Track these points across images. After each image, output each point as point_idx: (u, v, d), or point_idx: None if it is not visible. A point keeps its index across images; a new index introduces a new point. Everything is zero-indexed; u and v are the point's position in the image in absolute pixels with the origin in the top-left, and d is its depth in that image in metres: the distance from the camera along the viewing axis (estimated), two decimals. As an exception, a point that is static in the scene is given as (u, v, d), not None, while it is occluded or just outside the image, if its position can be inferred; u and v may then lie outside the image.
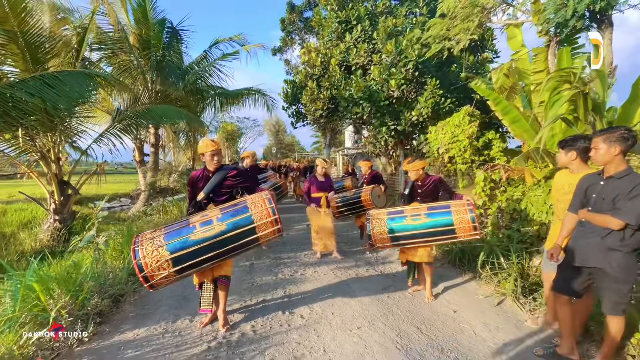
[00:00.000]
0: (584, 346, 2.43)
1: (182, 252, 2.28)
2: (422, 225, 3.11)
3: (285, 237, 6.14)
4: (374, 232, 3.18)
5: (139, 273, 2.23)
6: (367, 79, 6.77)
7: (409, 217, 3.16)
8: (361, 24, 7.02)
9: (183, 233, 2.35)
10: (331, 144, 19.74)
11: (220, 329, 2.70)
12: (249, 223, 2.41)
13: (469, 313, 3.06)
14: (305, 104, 8.37)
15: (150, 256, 2.24)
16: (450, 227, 3.07)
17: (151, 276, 2.25)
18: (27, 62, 5.73)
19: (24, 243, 5.94)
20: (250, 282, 3.85)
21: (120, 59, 8.20)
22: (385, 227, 3.17)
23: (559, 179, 2.55)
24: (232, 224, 2.38)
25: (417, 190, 3.54)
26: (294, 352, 2.42)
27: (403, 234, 3.16)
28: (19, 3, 5.25)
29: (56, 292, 2.60)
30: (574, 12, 3.83)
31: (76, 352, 2.40)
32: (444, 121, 6.12)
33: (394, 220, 3.19)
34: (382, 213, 3.29)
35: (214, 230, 2.35)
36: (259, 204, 2.47)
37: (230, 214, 2.44)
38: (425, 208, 3.20)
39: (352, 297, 3.42)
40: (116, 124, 6.88)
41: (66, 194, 6.71)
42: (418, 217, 3.14)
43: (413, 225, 3.12)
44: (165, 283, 2.37)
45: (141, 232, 2.46)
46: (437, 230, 3.10)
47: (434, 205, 3.25)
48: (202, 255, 2.33)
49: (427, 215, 3.13)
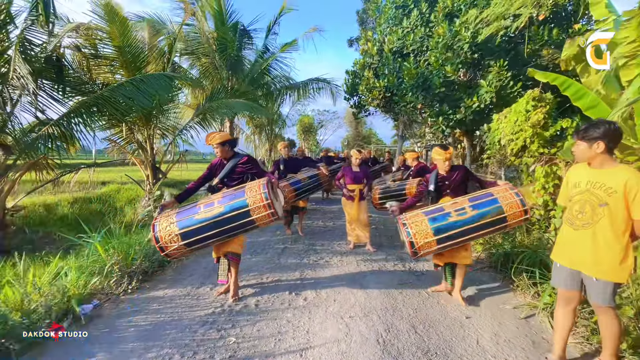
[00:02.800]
0: None
1: (187, 228, 2.62)
2: (471, 219, 2.75)
3: (328, 227, 6.33)
4: (417, 239, 2.72)
5: (156, 243, 2.65)
6: (420, 65, 6.34)
7: (454, 213, 2.78)
8: (418, 7, 6.56)
9: (190, 212, 2.70)
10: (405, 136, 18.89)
11: (229, 299, 3.05)
12: (244, 206, 2.63)
13: (483, 322, 2.76)
14: (363, 94, 8.27)
15: (164, 230, 2.63)
16: (501, 215, 2.76)
17: (165, 247, 2.65)
18: (130, 70, 7.11)
19: (127, 215, 7.46)
20: (275, 263, 4.16)
21: (202, 62, 9.42)
22: (428, 229, 2.73)
23: (575, 175, 2.10)
24: (229, 206, 2.65)
25: (444, 184, 3.24)
26: (280, 328, 2.60)
27: (452, 233, 2.75)
28: (123, 23, 6.54)
29: (111, 251, 3.32)
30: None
31: (120, 299, 3.05)
32: (508, 108, 5.37)
33: (436, 220, 2.77)
34: (417, 215, 2.87)
35: (214, 211, 2.65)
36: (254, 189, 2.68)
37: (228, 197, 2.72)
38: (466, 200, 2.87)
39: (363, 288, 3.40)
40: (195, 118, 8.01)
41: (157, 177, 8.15)
42: (464, 212, 2.78)
43: (462, 220, 2.75)
44: (179, 254, 2.77)
45: (164, 212, 2.86)
46: (487, 222, 2.77)
47: (475, 196, 2.92)
48: (205, 232, 2.65)
49: (472, 208, 2.79)
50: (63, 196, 7.80)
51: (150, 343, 2.35)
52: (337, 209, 8.17)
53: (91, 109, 5.51)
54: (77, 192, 8.81)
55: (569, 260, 2.05)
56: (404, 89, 6.44)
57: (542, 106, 4.75)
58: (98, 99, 5.46)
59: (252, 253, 4.51)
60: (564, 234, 2.13)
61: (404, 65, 6.40)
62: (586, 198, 1.96)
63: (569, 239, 2.06)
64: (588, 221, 1.94)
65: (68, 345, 2.31)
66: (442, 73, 6.03)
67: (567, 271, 2.06)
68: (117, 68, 7.21)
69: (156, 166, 8.13)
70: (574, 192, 2.05)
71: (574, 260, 2.03)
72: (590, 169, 2.01)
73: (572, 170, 2.17)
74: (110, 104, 5.57)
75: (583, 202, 1.97)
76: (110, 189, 9.26)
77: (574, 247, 2.02)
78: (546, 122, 4.76)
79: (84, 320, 2.60)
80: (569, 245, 2.06)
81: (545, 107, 4.74)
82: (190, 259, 4.22)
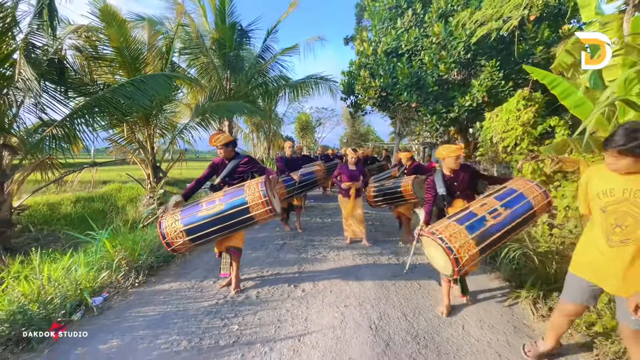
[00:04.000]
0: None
1: (191, 225, 2.77)
2: (507, 221, 2.49)
3: (326, 223, 6.50)
4: (461, 254, 2.26)
5: (162, 239, 2.80)
6: (413, 65, 6.50)
7: (489, 217, 2.48)
8: (412, 8, 6.71)
9: (193, 210, 2.85)
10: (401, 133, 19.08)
11: (232, 291, 3.23)
12: (243, 204, 2.78)
13: (469, 309, 2.95)
14: (359, 93, 8.43)
15: (170, 227, 2.78)
16: (532, 210, 2.61)
17: (172, 242, 2.78)
18: (129, 71, 7.23)
19: (129, 214, 7.62)
20: (274, 257, 4.34)
21: (201, 61, 9.55)
22: (469, 239, 2.32)
23: (601, 181, 1.82)
24: (229, 204, 2.80)
25: (453, 185, 3.00)
26: (280, 317, 2.78)
27: (493, 239, 2.42)
28: (122, 24, 6.65)
29: (118, 247, 3.49)
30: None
31: (129, 292, 3.22)
32: (500, 107, 5.55)
33: (474, 227, 2.40)
34: (450, 226, 2.42)
35: (215, 208, 2.79)
36: (252, 187, 2.82)
37: (229, 195, 2.86)
38: (494, 200, 2.61)
39: (358, 279, 3.59)
40: (195, 118, 8.16)
41: (158, 176, 8.30)
42: (498, 214, 2.51)
43: (499, 223, 2.45)
44: (184, 249, 2.91)
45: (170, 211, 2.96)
46: (521, 221, 2.56)
47: (500, 194, 2.69)
48: (208, 229, 2.78)
49: (504, 207, 2.55)
50: (65, 195, 7.94)
51: (159, 331, 2.53)
52: (335, 205, 8.35)
53: (93, 110, 5.65)
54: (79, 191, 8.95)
55: (594, 276, 1.84)
56: (399, 88, 6.60)
57: (532, 105, 4.94)
58: (100, 99, 5.60)
59: (252, 248, 4.69)
60: (590, 247, 1.87)
61: (398, 65, 6.56)
62: (625, 209, 1.69)
63: (598, 254, 1.80)
64: (629, 236, 1.68)
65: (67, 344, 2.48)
66: (435, 72, 6.20)
67: (587, 287, 1.87)
68: (116, 69, 7.32)
69: (157, 165, 8.27)
70: (606, 202, 1.77)
71: (601, 277, 1.81)
72: (622, 175, 1.73)
73: (594, 174, 1.89)
74: (111, 105, 5.71)
75: (622, 214, 1.71)
76: (111, 188, 9.40)
77: (606, 263, 1.77)
78: (535, 121, 4.94)
79: (96, 311, 2.77)
80: (597, 260, 1.82)
81: (535, 106, 4.93)
82: (193, 255, 4.39)
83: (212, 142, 3.25)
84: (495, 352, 2.33)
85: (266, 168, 3.49)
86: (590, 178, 1.90)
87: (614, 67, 3.86)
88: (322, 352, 2.28)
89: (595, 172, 1.89)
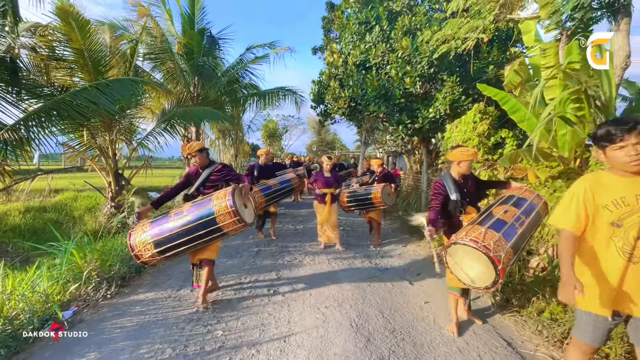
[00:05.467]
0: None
1: (159, 237, 2.70)
2: (528, 228, 2.47)
3: (299, 229, 6.60)
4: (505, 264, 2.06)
5: (132, 252, 2.75)
6: (382, 78, 6.90)
7: (517, 224, 2.39)
8: (379, 25, 7.15)
9: (162, 221, 2.76)
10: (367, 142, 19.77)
11: (200, 306, 3.03)
12: (209, 214, 2.70)
13: (439, 305, 3.21)
14: (329, 103, 8.70)
15: (138, 239, 2.73)
16: (540, 218, 2.65)
17: (140, 254, 2.73)
18: (91, 74, 6.87)
19: (87, 224, 7.15)
20: (251, 264, 4.35)
21: (167, 66, 9.30)
22: (508, 247, 2.15)
23: (606, 191, 1.60)
24: (196, 214, 2.72)
25: (464, 192, 2.77)
26: (263, 320, 2.84)
27: (521, 247, 2.38)
28: (85, 26, 6.34)
29: (88, 258, 3.33)
30: (576, 6, 3.66)
31: (100, 304, 3.08)
32: (459, 119, 6.06)
33: (511, 236, 2.26)
34: (490, 233, 2.19)
35: (183, 219, 2.72)
36: (220, 198, 2.74)
37: (196, 206, 2.80)
38: (514, 208, 2.51)
39: (335, 282, 3.73)
40: (161, 124, 7.90)
41: (120, 184, 7.88)
42: (522, 221, 2.44)
43: (522, 231, 2.39)
44: (154, 262, 2.83)
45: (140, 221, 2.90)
46: (535, 225, 2.59)
47: (515, 201, 2.61)
48: (176, 240, 2.70)
49: (525, 215, 2.49)
50: (14, 205, 7.26)
51: (140, 341, 2.47)
52: (307, 212, 8.50)
53: (51, 113, 5.32)
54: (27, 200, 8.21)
55: (612, 302, 1.59)
56: (367, 99, 6.95)
57: (486, 118, 5.47)
58: (59, 102, 5.30)
59: (227, 256, 4.66)
60: (600, 273, 1.62)
61: (367, 77, 6.92)
62: None
63: (617, 276, 1.57)
64: None
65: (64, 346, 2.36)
66: (401, 85, 6.62)
67: (605, 325, 1.63)
68: (76, 70, 6.95)
69: (119, 172, 7.87)
70: (621, 214, 1.54)
71: (622, 301, 1.57)
72: (630, 177, 1.57)
73: (595, 184, 1.63)
74: (72, 109, 5.41)
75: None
76: (66, 197, 8.75)
77: (627, 283, 1.55)
78: (489, 132, 5.48)
79: (67, 325, 2.63)
80: (616, 284, 1.58)
81: (489, 119, 5.47)
82: (166, 264, 4.27)
83: (186, 151, 3.18)
84: (464, 340, 2.59)
85: (241, 176, 3.36)
86: (590, 189, 1.62)
87: (554, 87, 4.43)
88: (308, 351, 2.39)
89: (595, 181, 1.64)
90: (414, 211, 7.41)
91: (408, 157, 11.46)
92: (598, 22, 4.01)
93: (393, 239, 5.95)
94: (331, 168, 5.22)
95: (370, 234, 6.01)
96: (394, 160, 18.76)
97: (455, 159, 2.75)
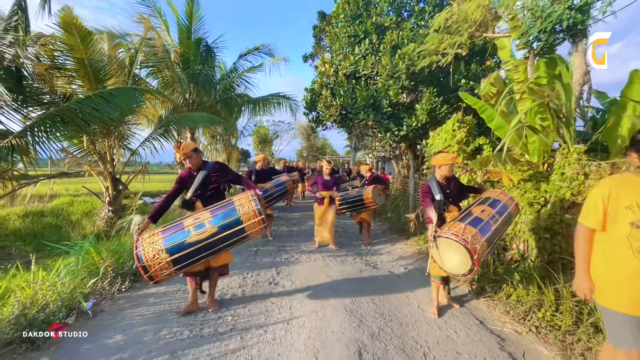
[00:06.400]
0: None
1: (179, 254, 2.54)
2: (501, 225, 2.86)
3: (293, 231, 6.95)
4: (480, 255, 2.47)
5: (144, 274, 2.52)
6: (370, 88, 7.36)
7: (491, 222, 2.79)
8: (368, 38, 7.64)
9: (179, 237, 2.57)
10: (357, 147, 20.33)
11: (209, 309, 3.08)
12: (238, 224, 2.64)
13: (422, 292, 3.62)
14: (321, 110, 9.13)
15: (152, 260, 2.49)
16: (511, 217, 3.09)
17: (155, 275, 2.54)
18: (91, 82, 7.12)
19: (86, 228, 7.33)
20: (252, 262, 4.69)
21: (164, 74, 9.58)
22: (483, 241, 2.56)
23: (632, 192, 1.65)
24: (223, 226, 2.62)
25: (447, 192, 3.15)
26: (267, 307, 3.19)
27: (495, 241, 2.76)
28: (87, 36, 6.61)
29: (104, 255, 3.62)
30: (540, 30, 4.18)
31: (116, 297, 3.37)
32: (441, 127, 6.55)
33: (486, 231, 2.68)
34: (468, 228, 2.58)
35: (207, 232, 2.58)
36: (246, 205, 2.70)
37: (220, 216, 2.66)
38: (489, 208, 2.92)
39: (329, 276, 4.11)
40: (158, 130, 8.16)
41: (118, 189, 8.08)
42: (496, 219, 2.82)
43: (496, 227, 2.79)
44: (168, 278, 2.67)
45: (141, 237, 2.65)
46: (507, 223, 3.02)
47: (491, 202, 3.02)
48: (197, 255, 2.61)
49: (499, 214, 2.88)
50: (12, 210, 7.39)
51: (159, 325, 2.79)
52: (299, 215, 8.86)
53: (56, 120, 5.57)
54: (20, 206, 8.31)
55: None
56: (357, 108, 7.40)
57: (464, 127, 5.96)
58: (64, 110, 5.56)
59: (228, 255, 4.97)
60: (626, 268, 1.63)
61: (357, 88, 7.38)
62: None
63: (629, 273, 1.61)
64: None
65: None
66: (387, 96, 7.10)
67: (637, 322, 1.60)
68: (76, 78, 7.18)
69: (116, 177, 8.08)
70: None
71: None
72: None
73: (619, 185, 1.69)
74: (77, 116, 5.68)
75: None
76: (62, 201, 8.88)
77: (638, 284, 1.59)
78: (468, 139, 5.97)
79: (91, 314, 2.92)
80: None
81: (467, 127, 5.96)
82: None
83: (181, 151, 2.98)
84: (443, 320, 2.99)
85: (241, 177, 3.33)
86: (615, 189, 1.68)
87: (525, 99, 4.95)
88: (309, 330, 2.74)
89: (622, 181, 1.70)
90: (402, 212, 7.88)
91: (396, 162, 11.96)
92: (561, 43, 4.55)
93: (382, 239, 6.36)
94: (330, 171, 5.61)
95: (361, 234, 6.41)
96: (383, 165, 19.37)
97: (437, 163, 3.16)
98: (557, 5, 4.03)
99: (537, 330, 2.73)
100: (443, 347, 2.54)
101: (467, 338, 2.67)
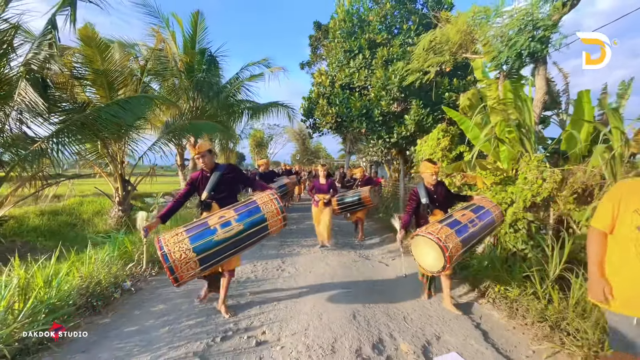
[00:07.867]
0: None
1: (207, 252, 2.52)
2: (480, 230, 3.07)
3: (293, 229, 7.61)
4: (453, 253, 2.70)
5: (170, 275, 2.44)
6: (363, 99, 8.11)
7: (470, 225, 2.97)
8: (362, 53, 8.39)
9: (206, 235, 2.55)
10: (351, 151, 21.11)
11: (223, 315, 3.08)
12: (262, 221, 2.73)
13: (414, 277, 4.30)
14: (318, 118, 9.84)
15: (179, 260, 2.43)
16: (494, 223, 3.29)
17: (180, 276, 2.47)
18: (105, 90, 7.71)
19: (98, 225, 7.86)
20: (259, 254, 5.33)
21: (170, 82, 10.20)
22: (458, 241, 2.79)
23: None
24: (249, 223, 2.68)
25: (433, 197, 3.43)
26: (277, 287, 3.85)
27: (471, 243, 2.98)
28: (105, 49, 7.22)
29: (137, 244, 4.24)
30: (508, 56, 4.96)
31: (149, 280, 3.99)
32: (427, 135, 7.31)
33: (461, 232, 2.88)
34: (444, 229, 2.82)
35: (234, 230, 2.62)
36: (269, 204, 2.81)
37: (245, 214, 2.72)
38: (471, 213, 3.14)
39: (328, 264, 4.78)
40: (165, 135, 8.76)
41: (127, 190, 8.64)
42: (475, 223, 3.04)
43: (474, 231, 3.00)
44: (191, 279, 2.64)
45: (161, 236, 2.57)
46: (488, 232, 3.24)
47: (474, 208, 3.26)
48: (223, 254, 2.63)
49: (479, 219, 3.12)
50: (29, 209, 7.88)
51: (192, 298, 3.42)
52: (298, 215, 9.51)
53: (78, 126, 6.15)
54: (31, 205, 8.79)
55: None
56: (351, 117, 8.13)
57: (448, 135, 6.73)
58: (87, 117, 6.15)
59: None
60: (631, 271, 1.67)
61: (351, 98, 8.12)
62: None
63: (634, 276, 1.65)
64: None
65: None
66: (380, 106, 7.85)
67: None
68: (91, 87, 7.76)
69: (126, 179, 8.64)
70: None
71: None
72: None
73: (630, 190, 1.74)
74: (97, 122, 6.28)
75: None
76: (73, 202, 9.36)
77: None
78: (451, 147, 6.74)
79: (134, 290, 3.55)
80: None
81: (450, 136, 6.72)
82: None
83: (197, 150, 3.02)
84: (429, 301, 3.68)
85: (254, 180, 3.44)
86: (626, 194, 1.73)
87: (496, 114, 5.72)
88: (312, 301, 3.41)
89: (631, 187, 1.75)
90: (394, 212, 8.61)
91: (388, 166, 12.73)
92: (525, 67, 5.34)
93: (374, 236, 7.07)
94: (325, 174, 6.27)
95: (355, 232, 7.10)
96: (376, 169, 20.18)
97: (421, 170, 3.59)
98: (520, 37, 4.80)
99: (493, 301, 3.45)
100: (418, 312, 3.24)
101: (439, 307, 3.38)
